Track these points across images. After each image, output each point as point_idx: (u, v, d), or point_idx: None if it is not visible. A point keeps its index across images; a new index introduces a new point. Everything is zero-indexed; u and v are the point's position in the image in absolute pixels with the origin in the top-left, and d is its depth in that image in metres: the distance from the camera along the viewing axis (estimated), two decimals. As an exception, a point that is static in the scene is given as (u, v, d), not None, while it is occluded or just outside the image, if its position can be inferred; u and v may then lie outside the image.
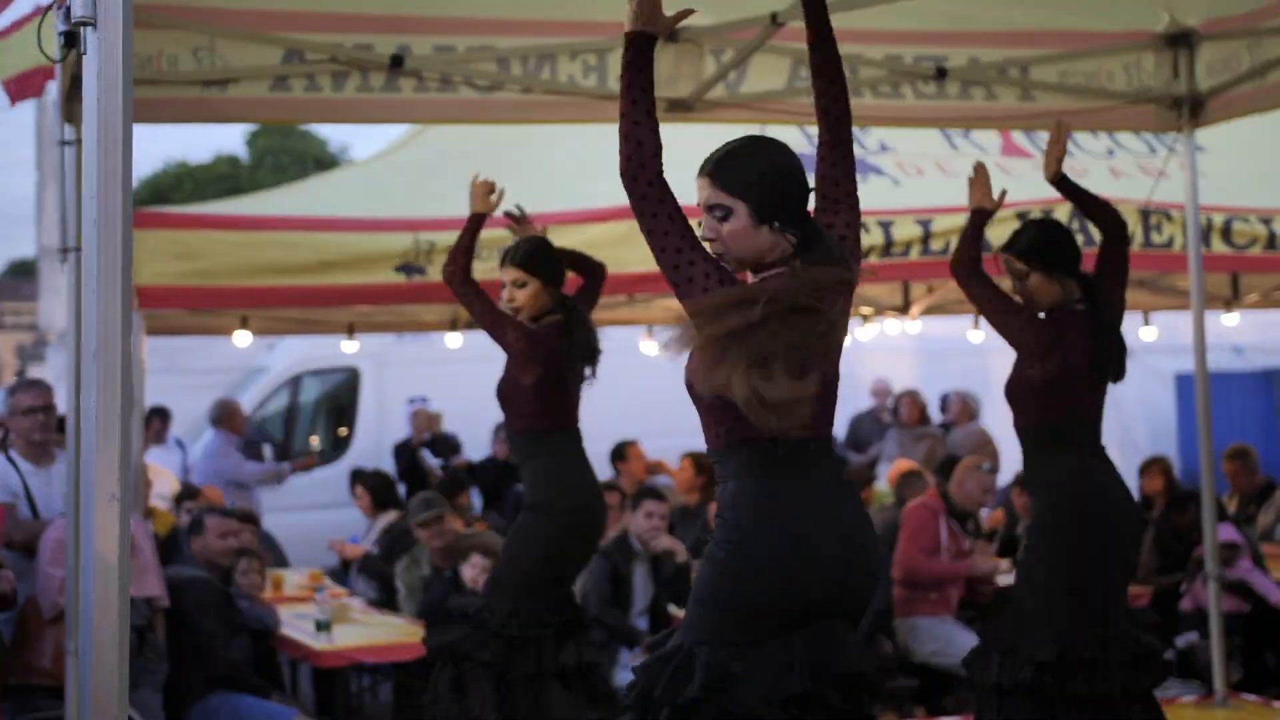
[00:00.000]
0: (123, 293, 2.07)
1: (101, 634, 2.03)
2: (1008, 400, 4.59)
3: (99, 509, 2.03)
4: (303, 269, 6.46)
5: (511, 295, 5.00)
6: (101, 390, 2.03)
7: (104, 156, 2.07)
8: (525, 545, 5.06)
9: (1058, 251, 4.54)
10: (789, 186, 3.00)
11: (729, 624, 2.99)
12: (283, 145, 35.15)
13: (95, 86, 2.08)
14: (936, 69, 5.74)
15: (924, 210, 6.93)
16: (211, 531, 6.43)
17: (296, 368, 11.97)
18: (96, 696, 2.01)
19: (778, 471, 3.00)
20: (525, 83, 5.48)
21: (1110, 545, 4.44)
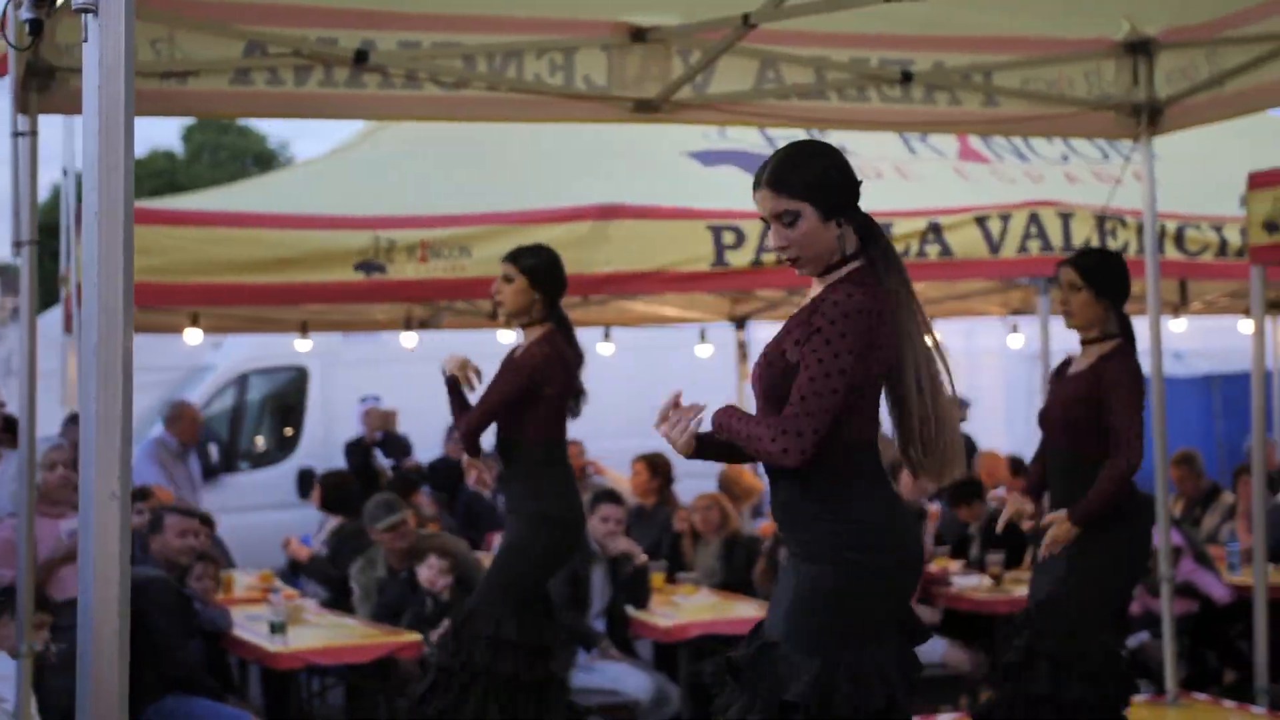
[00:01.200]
0: (124, 288, 2.03)
1: (102, 634, 1.98)
2: (1062, 426, 4.67)
3: (100, 507, 1.98)
4: (260, 266, 6.38)
5: (499, 288, 5.08)
6: (102, 388, 1.98)
7: (105, 147, 2.02)
8: (524, 554, 5.06)
9: (1113, 280, 4.72)
10: (845, 180, 3.11)
11: (847, 632, 3.02)
12: (220, 140, 34.80)
13: (96, 75, 2.03)
14: (902, 73, 5.75)
15: (884, 213, 6.94)
16: (171, 530, 6.35)
17: (243, 366, 11.84)
18: (97, 696, 1.96)
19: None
20: (491, 80, 5.43)
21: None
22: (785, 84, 5.73)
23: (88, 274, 2.02)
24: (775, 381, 3.04)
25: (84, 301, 2.03)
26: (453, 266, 6.38)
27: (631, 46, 5.47)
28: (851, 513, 3.03)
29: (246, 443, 12.14)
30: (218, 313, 8.34)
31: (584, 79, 5.49)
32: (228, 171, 31.02)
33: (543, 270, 5.06)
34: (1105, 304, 4.67)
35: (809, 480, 3.03)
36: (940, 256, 7.09)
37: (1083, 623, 4.56)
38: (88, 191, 2.03)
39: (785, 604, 3.06)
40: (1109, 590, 4.62)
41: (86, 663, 1.99)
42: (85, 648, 2.00)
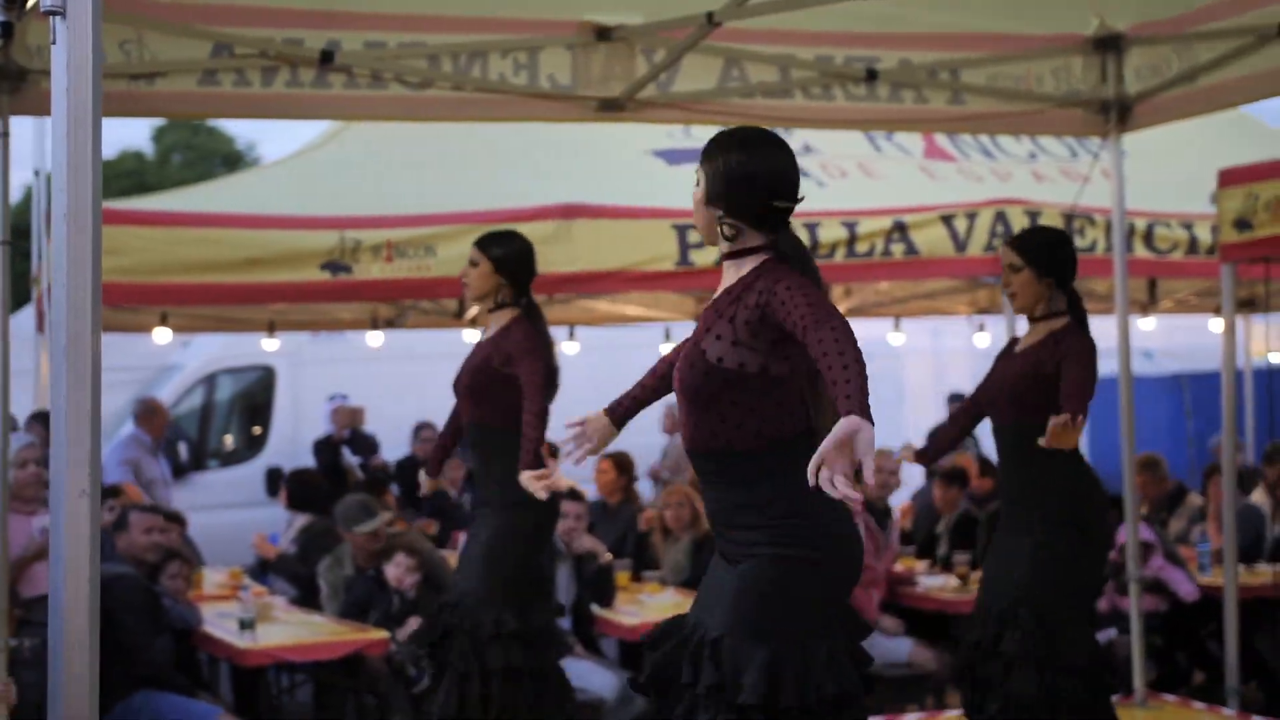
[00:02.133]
0: (93, 289, 2.05)
1: (72, 631, 2.00)
2: (1010, 400, 4.62)
3: (70, 505, 2.01)
4: (227, 265, 6.40)
5: (465, 272, 5.09)
6: (72, 387, 2.01)
7: (74, 149, 2.04)
8: (515, 543, 5.04)
9: (1053, 259, 4.66)
10: (742, 179, 3.10)
11: (792, 623, 3.04)
12: (189, 141, 34.68)
13: (65, 77, 2.05)
14: (867, 70, 5.78)
15: (849, 212, 7.01)
16: (136, 528, 6.35)
17: (211, 365, 11.84)
18: (67, 694, 1.98)
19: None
20: (456, 80, 5.46)
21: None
22: (750, 82, 5.77)
23: (57, 275, 2.04)
24: (699, 383, 3.08)
25: (54, 302, 2.05)
26: (418, 266, 6.40)
27: (596, 45, 5.50)
28: (788, 506, 3.05)
29: (215, 441, 12.14)
30: (186, 312, 8.34)
31: (548, 78, 5.52)
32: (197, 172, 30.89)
33: (511, 259, 5.03)
34: (1049, 282, 4.63)
35: (745, 475, 3.07)
36: (906, 255, 7.14)
37: (1062, 618, 4.55)
38: (57, 193, 2.05)
39: (728, 597, 3.07)
40: (1081, 581, 4.62)
41: (58, 658, 2.01)
42: (56, 644, 2.03)
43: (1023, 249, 4.69)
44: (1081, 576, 4.61)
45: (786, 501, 3.06)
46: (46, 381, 7.99)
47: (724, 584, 3.12)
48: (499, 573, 5.00)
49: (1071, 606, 4.59)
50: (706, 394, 3.06)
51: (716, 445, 3.09)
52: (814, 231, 6.85)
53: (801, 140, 8.08)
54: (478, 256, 5.05)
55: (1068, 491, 4.59)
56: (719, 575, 3.17)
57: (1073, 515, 4.58)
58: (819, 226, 6.88)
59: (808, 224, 6.86)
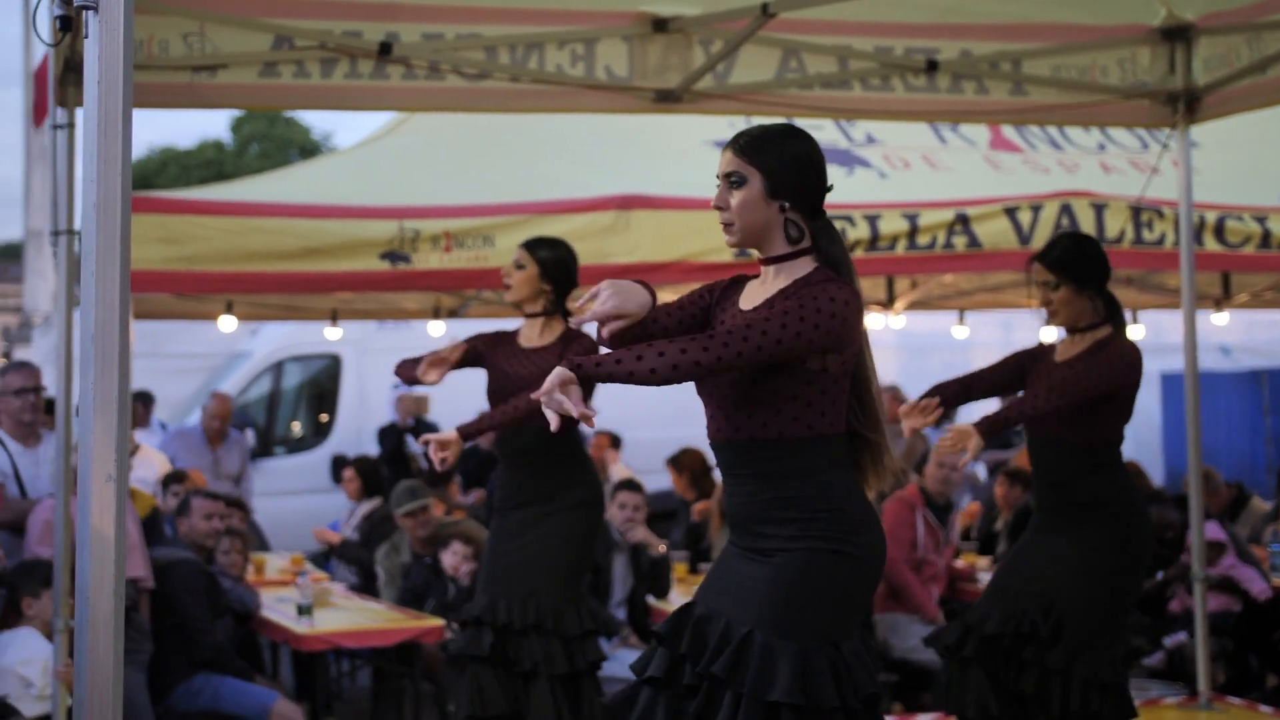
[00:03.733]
0: (121, 277, 2.08)
1: (98, 613, 2.04)
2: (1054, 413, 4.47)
3: (96, 489, 2.04)
4: (288, 255, 6.45)
5: (508, 272, 5.12)
6: (99, 373, 2.04)
7: (104, 140, 2.08)
8: (585, 542, 5.10)
9: (1090, 267, 4.54)
10: (807, 171, 3.10)
11: (841, 622, 3.06)
12: (268, 132, 35.10)
13: (96, 69, 2.09)
14: (927, 62, 5.73)
15: (910, 204, 6.95)
16: (197, 513, 6.45)
17: (279, 353, 11.97)
18: (92, 675, 2.02)
19: (852, 466, 3.16)
20: (513, 71, 5.48)
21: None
22: (808, 73, 5.74)
23: (86, 264, 2.08)
24: (748, 386, 3.04)
25: (82, 290, 2.09)
26: (476, 256, 6.43)
27: (652, 36, 5.50)
28: (825, 502, 3.05)
29: (283, 428, 12.27)
30: (251, 300, 8.43)
31: (605, 69, 5.52)
32: (274, 162, 31.26)
33: (556, 263, 5.10)
34: (1089, 294, 4.51)
35: (787, 469, 3.05)
36: (968, 248, 7.05)
37: (1093, 631, 4.49)
38: (86, 183, 2.09)
39: (761, 592, 3.04)
40: (1117, 597, 4.53)
41: (84, 638, 2.05)
42: (83, 624, 2.06)
43: (1056, 264, 4.53)
44: (1118, 594, 4.53)
45: (823, 497, 3.05)
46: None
47: (752, 578, 3.08)
48: (564, 575, 5.03)
49: (1103, 621, 4.50)
50: (770, 386, 3.02)
51: (766, 437, 3.05)
52: (874, 224, 6.80)
53: (865, 131, 8.04)
54: (525, 259, 5.10)
55: (1111, 507, 4.51)
56: (741, 568, 3.12)
57: (1114, 532, 4.50)
58: (879, 219, 6.83)
59: (868, 216, 6.81)
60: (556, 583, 5.02)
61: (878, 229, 6.82)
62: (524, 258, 5.11)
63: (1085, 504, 4.52)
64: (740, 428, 3.07)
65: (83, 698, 2.04)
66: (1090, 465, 4.52)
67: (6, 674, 5.29)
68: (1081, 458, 4.52)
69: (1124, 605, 4.57)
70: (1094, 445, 4.51)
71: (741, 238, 3.12)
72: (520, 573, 5.05)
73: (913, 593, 7.17)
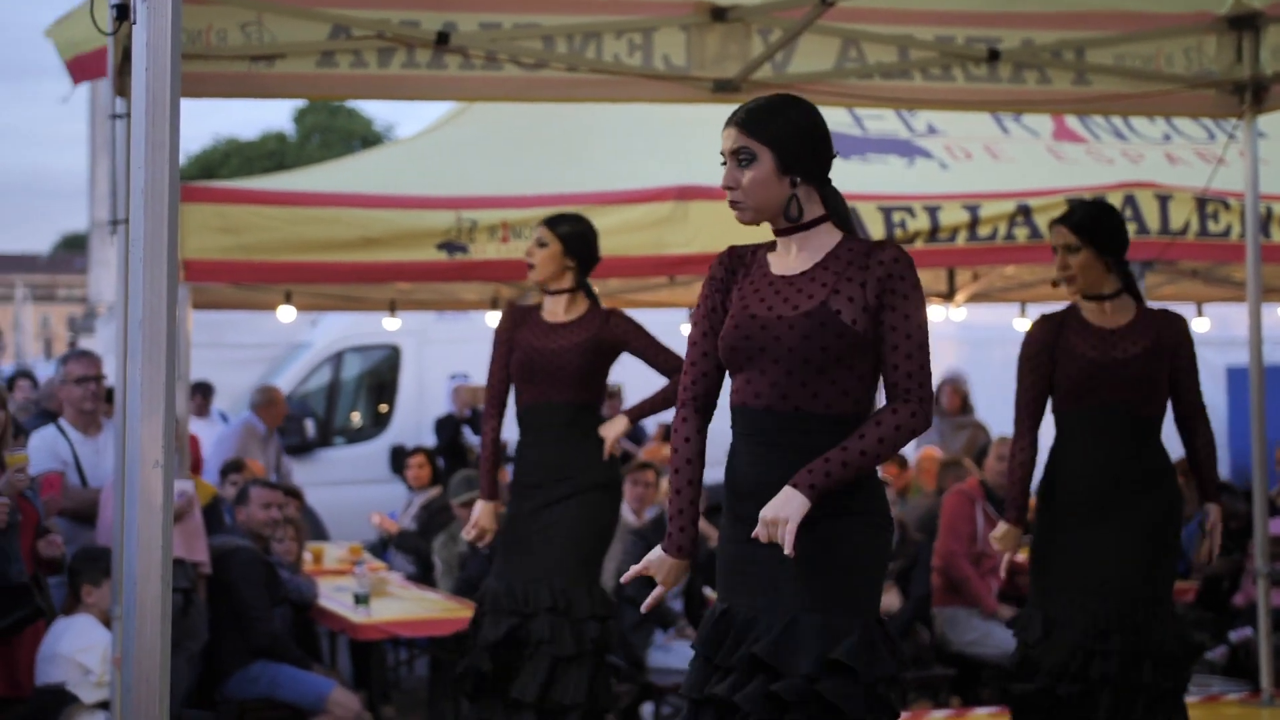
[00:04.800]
0: (169, 263, 2.08)
1: (144, 598, 2.04)
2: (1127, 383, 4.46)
3: (143, 475, 2.04)
4: (346, 245, 6.47)
5: (531, 251, 5.06)
6: (146, 359, 2.04)
7: (152, 128, 2.08)
8: (604, 526, 5.09)
9: (1113, 234, 4.48)
10: (815, 143, 3.09)
11: (876, 589, 3.13)
12: (329, 123, 35.35)
13: (144, 58, 2.08)
14: (989, 51, 5.67)
15: (972, 195, 6.88)
16: (255, 502, 6.48)
17: (339, 344, 12.03)
18: (140, 660, 2.02)
19: None
20: (570, 61, 5.47)
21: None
22: (868, 63, 5.69)
23: (134, 250, 2.08)
24: (827, 343, 3.01)
25: (130, 277, 2.09)
26: (533, 246, 6.41)
27: (711, 26, 5.48)
28: (868, 479, 3.07)
29: (342, 419, 12.33)
30: (310, 290, 8.47)
31: (663, 59, 5.50)
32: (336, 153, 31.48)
33: (578, 238, 5.03)
34: (1108, 261, 4.45)
35: (827, 443, 3.01)
36: (1030, 239, 6.97)
37: (1166, 609, 4.51)
38: (135, 170, 2.09)
39: (816, 567, 3.00)
40: (1173, 569, 4.60)
41: (130, 625, 2.05)
42: (129, 610, 2.07)
43: (1079, 226, 4.44)
44: (1172, 570, 4.58)
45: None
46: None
47: (791, 559, 3.00)
48: (586, 558, 5.03)
49: (1167, 598, 4.54)
50: (834, 354, 3.01)
51: (815, 408, 3.03)
52: (935, 215, 6.74)
53: (926, 121, 7.97)
54: (547, 236, 5.02)
55: (1170, 481, 4.51)
56: (764, 554, 3.03)
57: (1171, 504, 4.50)
58: (940, 210, 6.76)
59: (928, 207, 6.75)
60: (571, 565, 5.00)
61: (938, 220, 6.76)
62: (545, 235, 5.02)
63: (1158, 478, 4.50)
64: (788, 396, 3.04)
65: (129, 683, 2.04)
66: (1155, 437, 4.51)
67: (65, 661, 5.34)
68: (1152, 429, 4.50)
69: (1172, 579, 4.64)
70: (1158, 417, 4.52)
71: (754, 215, 3.10)
72: (536, 554, 5.04)
73: (972, 586, 7.11)
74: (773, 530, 2.92)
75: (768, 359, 3.05)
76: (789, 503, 2.91)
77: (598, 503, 5.06)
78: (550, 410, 5.05)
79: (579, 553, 5.04)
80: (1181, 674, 4.50)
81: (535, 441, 5.11)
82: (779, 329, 3.05)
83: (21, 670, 5.37)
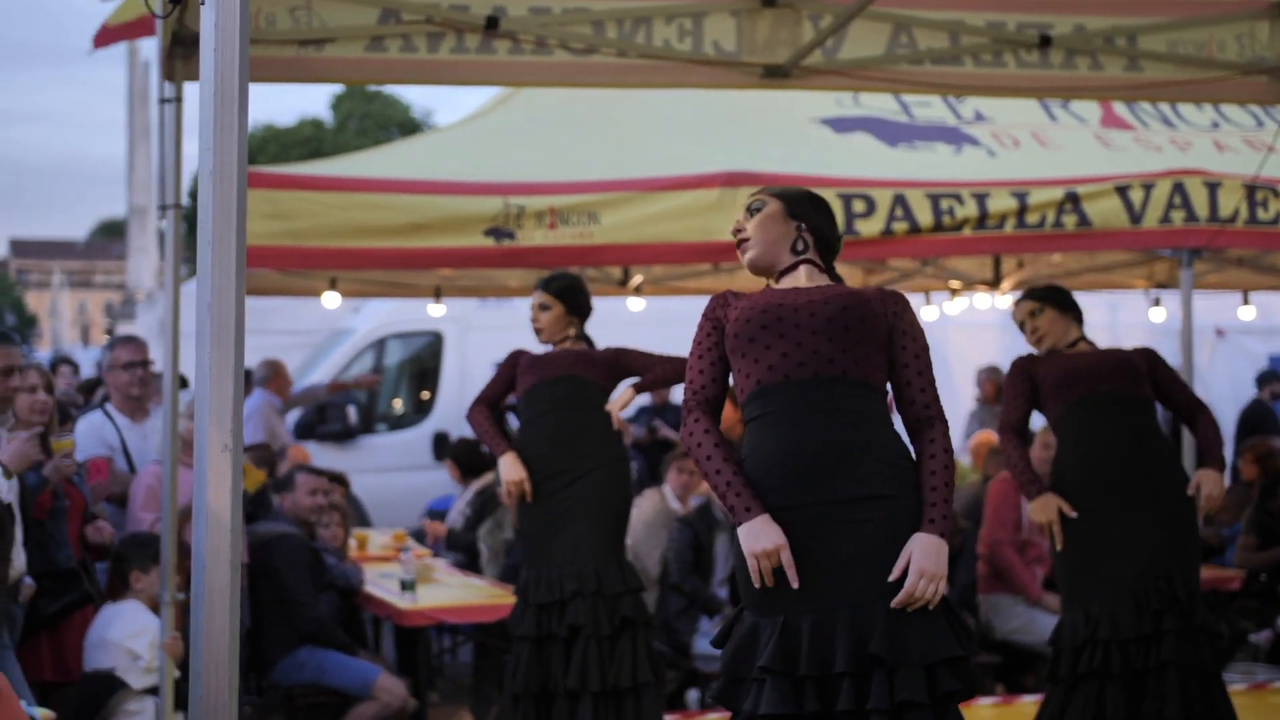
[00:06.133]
0: (237, 247, 2.07)
1: (214, 582, 2.04)
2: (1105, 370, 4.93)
3: (212, 459, 2.04)
4: (393, 231, 6.45)
5: (536, 316, 5.43)
6: (215, 344, 2.03)
7: (220, 110, 2.06)
8: (620, 501, 5.14)
9: (1066, 295, 5.19)
10: (820, 205, 3.50)
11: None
12: (367, 109, 35.40)
13: (213, 39, 2.07)
14: (1040, 37, 5.61)
15: (1020, 182, 6.81)
16: (301, 489, 6.50)
17: (381, 331, 12.04)
18: (209, 644, 2.02)
19: None
20: (620, 46, 5.43)
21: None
22: (919, 49, 5.64)
23: (202, 233, 2.06)
24: (863, 313, 3.22)
25: (199, 259, 2.08)
26: (581, 233, 6.38)
27: (761, 11, 5.43)
28: (906, 453, 3.22)
29: (384, 405, 12.35)
30: (355, 277, 8.47)
31: (713, 44, 5.46)
32: (373, 139, 31.55)
33: (572, 292, 5.42)
34: (1070, 315, 5.13)
35: (871, 414, 3.18)
36: (1078, 227, 6.90)
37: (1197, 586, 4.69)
38: (203, 152, 2.08)
39: (891, 556, 3.07)
40: (1198, 546, 4.88)
41: (199, 609, 2.04)
42: (199, 595, 2.06)
43: (1037, 294, 5.19)
44: (1198, 546, 4.87)
45: (902, 448, 3.21)
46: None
47: (859, 549, 3.07)
48: (615, 535, 5.10)
49: (1199, 576, 4.78)
50: (870, 326, 3.20)
51: (858, 375, 3.16)
52: (983, 202, 6.67)
53: (973, 108, 7.90)
54: (550, 301, 5.40)
55: (1177, 463, 4.85)
56: (826, 548, 3.07)
57: (1182, 484, 4.78)
58: (988, 197, 6.70)
59: (976, 194, 6.69)
60: (598, 544, 5.06)
61: (986, 207, 6.69)
62: (546, 299, 5.41)
63: (1168, 463, 4.83)
64: (835, 361, 3.16)
65: (199, 669, 2.04)
66: (1151, 419, 4.89)
67: (115, 647, 5.37)
68: (1145, 411, 4.86)
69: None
70: (1149, 400, 4.92)
71: (758, 251, 3.37)
72: (561, 541, 5.09)
73: (1016, 574, 7.09)
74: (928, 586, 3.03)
75: (805, 331, 3.17)
76: (940, 553, 3.05)
77: (610, 478, 5.17)
78: (550, 399, 5.30)
79: (604, 530, 5.11)
80: (1224, 654, 4.61)
81: (538, 430, 5.28)
82: (811, 306, 3.21)
83: (70, 655, 5.40)
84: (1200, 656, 4.48)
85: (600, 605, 4.97)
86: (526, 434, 5.27)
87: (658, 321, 9.86)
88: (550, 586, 5.00)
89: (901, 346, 3.23)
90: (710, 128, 7.31)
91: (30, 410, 5.14)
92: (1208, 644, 4.52)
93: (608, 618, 4.97)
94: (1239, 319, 9.62)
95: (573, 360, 5.30)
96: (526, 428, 5.28)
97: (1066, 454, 4.82)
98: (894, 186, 6.49)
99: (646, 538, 7.02)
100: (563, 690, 4.95)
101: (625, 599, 5.02)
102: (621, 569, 5.07)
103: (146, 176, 36.17)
